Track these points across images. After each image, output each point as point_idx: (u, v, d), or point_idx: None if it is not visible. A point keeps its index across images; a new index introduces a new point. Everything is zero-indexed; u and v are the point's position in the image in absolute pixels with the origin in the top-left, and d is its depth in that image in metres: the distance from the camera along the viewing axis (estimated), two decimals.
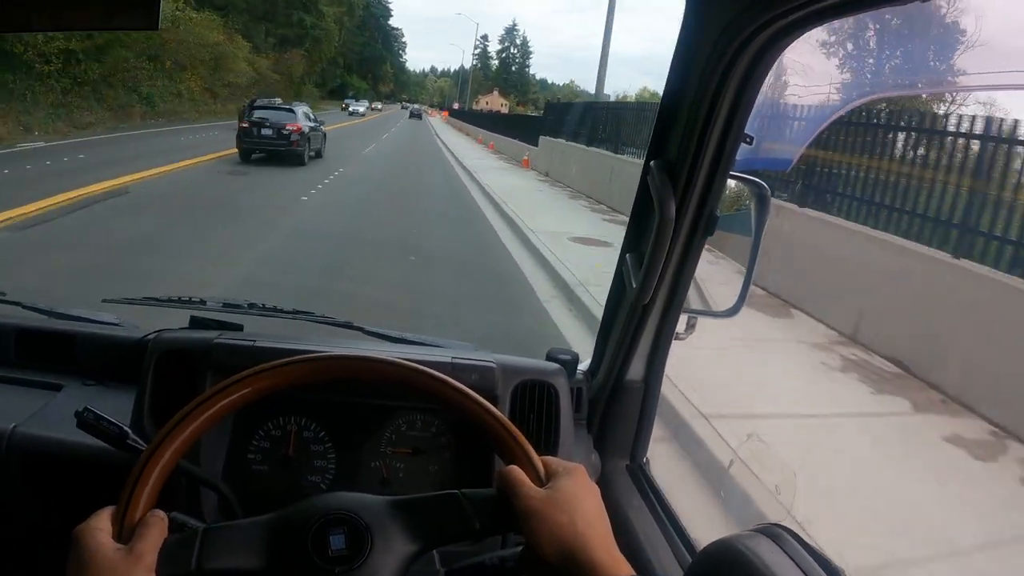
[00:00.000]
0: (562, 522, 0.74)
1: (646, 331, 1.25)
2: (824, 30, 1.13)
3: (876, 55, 8.56)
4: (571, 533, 0.73)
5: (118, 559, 0.69)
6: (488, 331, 5.32)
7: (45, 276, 5.62)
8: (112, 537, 0.71)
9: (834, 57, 7.74)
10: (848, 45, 7.91)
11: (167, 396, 1.13)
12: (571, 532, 0.73)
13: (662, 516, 1.23)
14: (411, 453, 1.16)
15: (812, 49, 1.02)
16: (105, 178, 11.07)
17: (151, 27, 1.05)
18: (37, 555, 1.20)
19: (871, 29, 7.98)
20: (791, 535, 0.86)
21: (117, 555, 0.69)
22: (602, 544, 0.74)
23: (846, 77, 8.32)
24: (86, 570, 0.68)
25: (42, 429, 1.19)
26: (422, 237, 9.40)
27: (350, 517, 0.76)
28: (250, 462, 1.13)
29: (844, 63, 8.12)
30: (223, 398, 0.81)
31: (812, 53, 1.10)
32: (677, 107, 1.07)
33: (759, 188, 1.18)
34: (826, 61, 7.76)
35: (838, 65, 7.89)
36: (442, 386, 0.85)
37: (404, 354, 1.03)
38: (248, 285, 5.90)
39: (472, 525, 0.78)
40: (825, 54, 7.57)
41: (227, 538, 0.75)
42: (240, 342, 1.15)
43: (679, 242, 1.14)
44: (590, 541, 0.73)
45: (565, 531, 0.73)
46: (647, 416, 1.34)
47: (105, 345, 1.39)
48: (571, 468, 0.80)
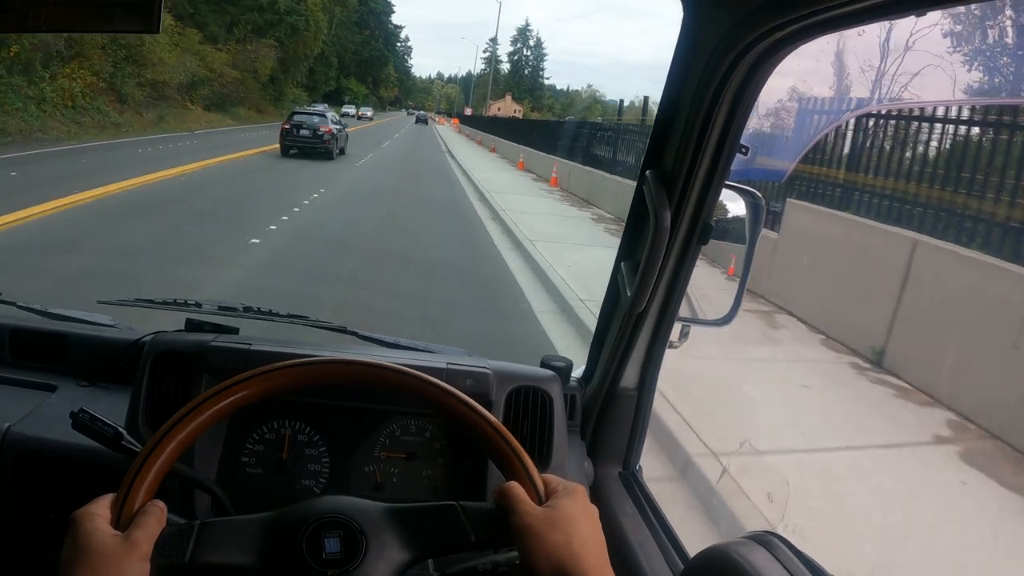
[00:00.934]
0: (558, 541, 0.74)
1: (640, 339, 1.25)
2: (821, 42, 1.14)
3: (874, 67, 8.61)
4: (567, 553, 0.73)
5: (114, 545, 0.69)
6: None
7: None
8: (110, 524, 0.72)
9: (831, 68, 7.75)
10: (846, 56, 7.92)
11: (162, 398, 1.13)
12: (567, 552, 0.73)
13: (655, 523, 1.24)
14: (405, 458, 1.16)
15: (809, 60, 1.02)
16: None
17: (150, 31, 1.05)
18: (30, 555, 1.20)
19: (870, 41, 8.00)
20: (783, 542, 0.87)
21: (113, 541, 0.70)
22: (597, 566, 0.74)
23: (843, 88, 8.34)
24: (82, 554, 0.69)
25: (36, 429, 1.18)
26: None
27: (346, 521, 0.76)
28: (244, 465, 1.13)
29: (841, 74, 8.14)
30: (225, 398, 0.81)
31: (809, 65, 1.11)
32: (674, 116, 1.08)
33: (753, 198, 1.19)
34: (823, 72, 7.79)
35: (835, 76, 7.92)
36: (448, 397, 0.85)
37: (399, 359, 1.03)
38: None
39: (468, 538, 0.78)
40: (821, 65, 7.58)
41: (223, 533, 0.75)
42: (236, 345, 1.15)
43: (674, 251, 1.14)
44: (585, 563, 0.73)
45: (561, 551, 0.73)
46: (640, 424, 1.34)
47: (100, 346, 1.39)
48: (571, 488, 0.80)
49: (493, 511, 0.79)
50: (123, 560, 0.68)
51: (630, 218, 1.21)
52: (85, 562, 0.68)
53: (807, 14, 0.82)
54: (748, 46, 0.92)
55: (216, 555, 0.73)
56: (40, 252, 6.62)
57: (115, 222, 8.57)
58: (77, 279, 5.64)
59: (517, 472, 0.81)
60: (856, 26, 0.84)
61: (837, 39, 1.51)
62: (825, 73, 7.79)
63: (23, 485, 1.17)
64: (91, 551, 0.69)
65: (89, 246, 7.16)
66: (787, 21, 0.86)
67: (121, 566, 0.68)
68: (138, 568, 0.69)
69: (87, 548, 0.69)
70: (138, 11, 1.04)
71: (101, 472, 0.96)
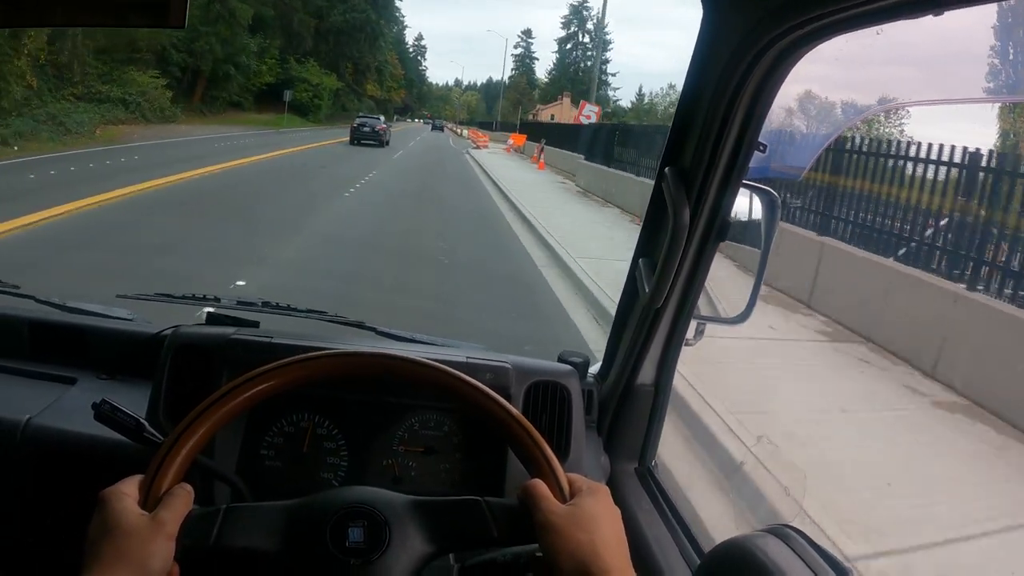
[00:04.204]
0: (581, 540, 0.74)
1: (657, 336, 1.25)
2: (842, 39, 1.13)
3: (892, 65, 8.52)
4: (589, 552, 0.73)
5: (142, 524, 0.70)
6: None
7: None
8: (138, 504, 0.73)
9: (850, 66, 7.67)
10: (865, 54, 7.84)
11: (182, 391, 1.14)
12: (589, 551, 0.73)
13: (671, 519, 1.24)
14: (423, 452, 1.17)
15: (829, 58, 1.03)
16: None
17: (174, 26, 1.05)
18: (50, 545, 1.21)
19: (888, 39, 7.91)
20: (800, 535, 0.87)
21: (141, 520, 0.71)
22: (619, 566, 0.74)
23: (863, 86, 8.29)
24: (109, 532, 0.70)
25: (57, 421, 1.20)
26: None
27: (370, 511, 0.77)
28: (263, 458, 1.14)
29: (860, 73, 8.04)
30: (252, 387, 0.82)
31: (829, 62, 1.11)
32: (693, 114, 1.09)
33: (770, 196, 1.20)
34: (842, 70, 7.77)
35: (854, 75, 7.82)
36: (475, 392, 0.86)
37: (419, 353, 1.04)
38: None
39: (491, 533, 0.79)
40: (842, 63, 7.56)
41: (248, 518, 0.76)
42: (257, 338, 1.16)
43: (692, 248, 1.15)
44: (607, 562, 0.73)
45: (584, 549, 0.74)
46: (657, 420, 1.34)
47: (119, 340, 1.40)
48: (595, 488, 0.81)
49: (517, 507, 0.80)
50: (150, 539, 0.70)
51: (648, 215, 1.21)
52: (112, 539, 0.69)
53: (827, 12, 0.83)
54: (768, 44, 0.93)
55: (241, 539, 0.75)
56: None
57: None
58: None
59: (542, 469, 0.82)
60: (875, 25, 0.84)
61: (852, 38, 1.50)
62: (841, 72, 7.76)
63: (43, 476, 1.19)
64: (119, 529, 0.70)
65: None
66: (807, 20, 0.86)
67: (147, 545, 0.69)
68: (164, 547, 0.70)
69: (115, 525, 0.70)
70: (161, 6, 1.04)
71: (121, 464, 0.97)
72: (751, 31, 0.93)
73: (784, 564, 0.83)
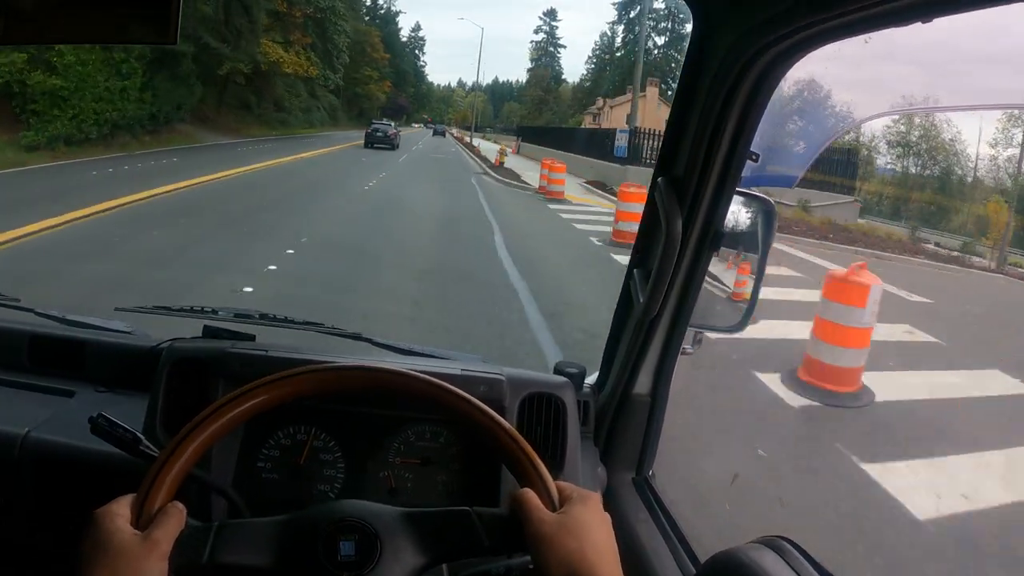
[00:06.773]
0: (571, 548, 0.74)
1: (653, 346, 1.25)
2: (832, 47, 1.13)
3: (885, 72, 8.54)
4: (579, 560, 0.73)
5: (134, 543, 0.70)
6: None
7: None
8: (130, 523, 0.73)
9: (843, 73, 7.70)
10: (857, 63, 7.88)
11: (179, 404, 1.14)
12: (579, 559, 0.74)
13: (667, 529, 1.23)
14: (419, 463, 1.17)
15: (820, 66, 1.03)
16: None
17: (167, 42, 1.06)
18: (47, 558, 1.21)
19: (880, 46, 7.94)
20: (795, 547, 0.87)
21: (133, 540, 0.71)
22: (609, 573, 0.74)
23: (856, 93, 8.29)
24: (101, 551, 0.70)
25: (55, 434, 1.20)
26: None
27: (361, 525, 0.77)
28: (259, 470, 1.14)
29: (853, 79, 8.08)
30: (245, 401, 0.82)
31: (821, 70, 1.11)
32: (685, 123, 1.09)
33: (765, 204, 1.20)
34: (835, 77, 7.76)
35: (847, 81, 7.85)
36: (464, 404, 0.86)
37: (414, 366, 1.04)
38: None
39: (482, 543, 0.79)
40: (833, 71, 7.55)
41: (240, 535, 0.77)
42: (254, 352, 1.16)
43: (686, 257, 1.15)
44: (597, 569, 0.73)
45: (574, 557, 0.74)
46: (653, 430, 1.34)
47: (117, 353, 1.40)
48: (585, 496, 0.81)
49: (507, 517, 0.80)
50: (142, 559, 0.70)
51: (643, 225, 1.21)
52: (105, 560, 0.69)
53: (816, 21, 0.83)
54: (758, 53, 0.93)
55: (233, 556, 0.75)
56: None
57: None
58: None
59: (531, 479, 0.82)
60: (864, 33, 0.84)
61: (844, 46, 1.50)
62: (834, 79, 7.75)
63: (42, 489, 1.19)
64: (111, 549, 0.70)
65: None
66: (796, 28, 0.86)
67: (140, 564, 0.69)
68: (157, 567, 0.70)
69: (107, 546, 0.70)
70: (155, 22, 1.05)
71: (119, 477, 0.97)
72: (741, 39, 0.93)
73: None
